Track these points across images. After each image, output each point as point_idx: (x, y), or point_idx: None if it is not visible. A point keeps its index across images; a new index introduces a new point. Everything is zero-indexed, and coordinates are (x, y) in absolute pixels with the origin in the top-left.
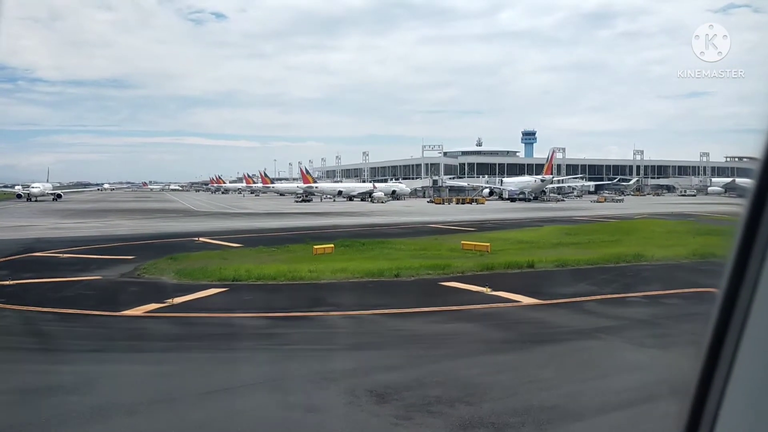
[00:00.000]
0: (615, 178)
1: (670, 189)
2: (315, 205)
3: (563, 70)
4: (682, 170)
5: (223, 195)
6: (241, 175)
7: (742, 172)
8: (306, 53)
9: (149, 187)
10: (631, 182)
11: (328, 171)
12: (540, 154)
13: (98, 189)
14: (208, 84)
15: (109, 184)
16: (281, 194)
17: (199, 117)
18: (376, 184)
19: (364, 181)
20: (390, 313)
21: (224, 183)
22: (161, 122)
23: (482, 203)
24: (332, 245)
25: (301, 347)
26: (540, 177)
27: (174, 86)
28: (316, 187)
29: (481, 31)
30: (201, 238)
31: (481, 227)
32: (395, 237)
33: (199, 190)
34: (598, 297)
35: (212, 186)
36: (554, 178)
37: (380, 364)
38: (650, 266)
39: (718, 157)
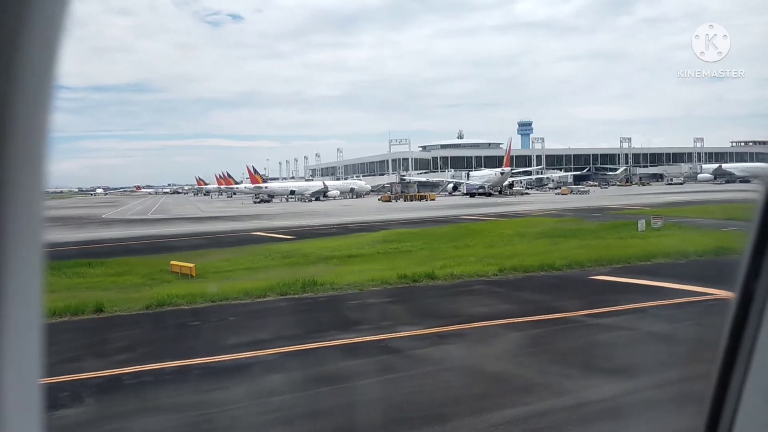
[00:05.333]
0: (605, 168)
1: (660, 177)
2: (254, 207)
3: (583, 59)
4: (678, 157)
5: (205, 196)
6: (249, 175)
7: (740, 157)
8: (324, 51)
9: (142, 190)
10: (618, 171)
11: (312, 169)
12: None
13: (92, 194)
14: (228, 85)
15: (101, 189)
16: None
17: (221, 118)
18: (332, 182)
19: (338, 179)
20: None
21: (205, 185)
22: (183, 125)
23: (432, 199)
24: None
25: None
26: (500, 170)
27: (194, 89)
28: (266, 187)
29: (499, 21)
30: None
31: (322, 233)
32: (168, 252)
33: (187, 193)
34: None
35: (196, 188)
36: (513, 170)
37: None
38: (285, 301)
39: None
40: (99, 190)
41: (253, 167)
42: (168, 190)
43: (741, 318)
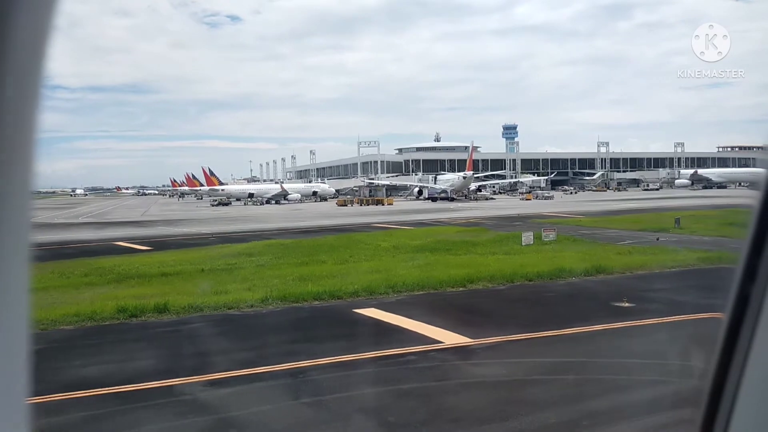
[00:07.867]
0: (583, 172)
1: (638, 183)
2: (198, 210)
3: (582, 64)
4: (660, 162)
5: (180, 198)
6: (204, 177)
7: (723, 162)
8: (323, 53)
9: (123, 191)
10: (595, 176)
11: (288, 171)
12: (526, 148)
13: (71, 195)
14: (226, 87)
15: (82, 189)
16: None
17: (219, 120)
18: (293, 185)
19: (310, 182)
20: None
21: (179, 186)
22: (181, 126)
23: (390, 204)
24: None
25: None
26: (462, 174)
27: (192, 90)
28: (222, 190)
29: (498, 25)
30: None
31: (192, 244)
32: None
33: (165, 194)
34: None
35: (171, 189)
36: (475, 175)
37: None
38: None
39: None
40: (79, 191)
41: (209, 169)
42: (134, 192)
43: (736, 322)
